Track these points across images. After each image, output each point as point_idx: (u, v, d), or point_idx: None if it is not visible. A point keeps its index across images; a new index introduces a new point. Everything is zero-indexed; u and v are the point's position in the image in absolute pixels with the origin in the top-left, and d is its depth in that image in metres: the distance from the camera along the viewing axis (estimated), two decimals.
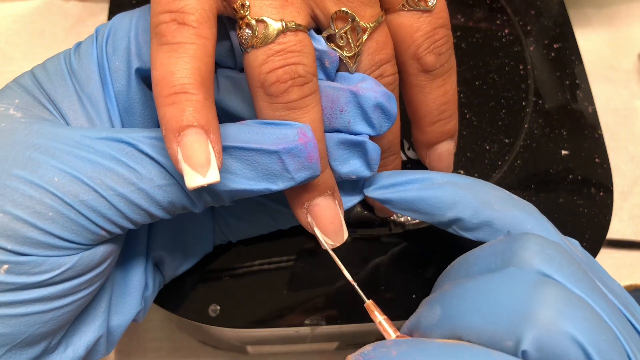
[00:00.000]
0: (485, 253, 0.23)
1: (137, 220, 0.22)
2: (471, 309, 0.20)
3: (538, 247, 0.21)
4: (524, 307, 0.19)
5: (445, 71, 0.27)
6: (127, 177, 0.21)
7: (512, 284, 0.20)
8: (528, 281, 0.20)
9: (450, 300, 0.21)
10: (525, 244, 0.22)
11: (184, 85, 0.20)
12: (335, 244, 0.25)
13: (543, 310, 0.19)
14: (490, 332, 0.19)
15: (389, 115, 0.24)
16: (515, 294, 0.19)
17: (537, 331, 0.18)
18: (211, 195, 0.23)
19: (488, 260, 0.22)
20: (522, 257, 0.21)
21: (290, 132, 0.22)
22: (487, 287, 0.20)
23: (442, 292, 0.22)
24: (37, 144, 0.21)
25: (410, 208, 0.26)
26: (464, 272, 0.23)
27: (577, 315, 0.19)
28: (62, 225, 0.20)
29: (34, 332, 0.21)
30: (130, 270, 0.27)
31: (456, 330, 0.20)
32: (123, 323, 0.26)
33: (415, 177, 0.26)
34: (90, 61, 0.24)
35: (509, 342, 0.19)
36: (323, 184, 0.24)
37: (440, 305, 0.21)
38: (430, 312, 0.21)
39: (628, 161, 0.48)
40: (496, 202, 0.25)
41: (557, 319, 0.18)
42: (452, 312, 0.21)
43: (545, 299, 0.19)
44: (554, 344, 0.18)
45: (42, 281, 0.21)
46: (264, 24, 0.22)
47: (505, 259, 0.21)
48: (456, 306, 0.20)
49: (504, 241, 0.23)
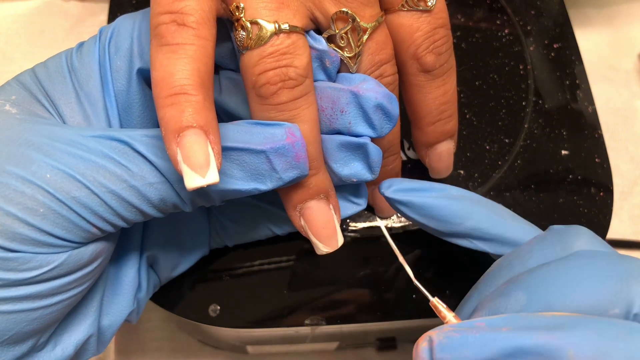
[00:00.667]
0: (538, 247, 0.23)
1: (128, 218, 0.22)
2: (563, 287, 0.20)
3: (591, 236, 0.23)
4: (626, 277, 0.19)
5: (444, 71, 0.27)
6: (118, 174, 0.21)
7: (600, 261, 0.20)
8: (614, 257, 0.21)
9: (534, 284, 0.21)
10: (579, 233, 0.23)
11: (184, 87, 0.20)
12: (329, 249, 0.25)
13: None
14: (592, 302, 0.19)
15: (390, 117, 0.24)
16: (609, 268, 0.20)
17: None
18: (201, 195, 0.23)
19: (545, 251, 0.23)
20: (583, 243, 0.22)
21: (278, 131, 0.22)
22: (572, 267, 0.20)
23: (515, 281, 0.21)
24: (31, 140, 0.21)
25: (429, 214, 0.26)
26: (520, 266, 0.23)
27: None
28: (53, 222, 0.20)
29: (21, 330, 0.21)
30: (123, 270, 0.27)
31: (550, 309, 0.20)
32: (114, 323, 0.26)
33: (433, 187, 0.26)
34: (92, 60, 0.24)
35: (616, 309, 0.19)
36: (316, 187, 0.24)
37: (522, 290, 0.21)
38: (510, 300, 0.21)
39: (628, 161, 0.48)
40: (507, 217, 0.26)
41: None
42: (541, 293, 0.20)
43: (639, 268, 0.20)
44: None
45: (30, 278, 0.21)
46: (257, 25, 0.22)
47: (565, 246, 0.22)
48: (544, 287, 0.20)
49: (554, 234, 0.23)
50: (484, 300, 0.22)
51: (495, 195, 0.34)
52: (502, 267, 0.24)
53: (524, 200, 0.34)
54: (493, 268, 0.25)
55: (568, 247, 0.22)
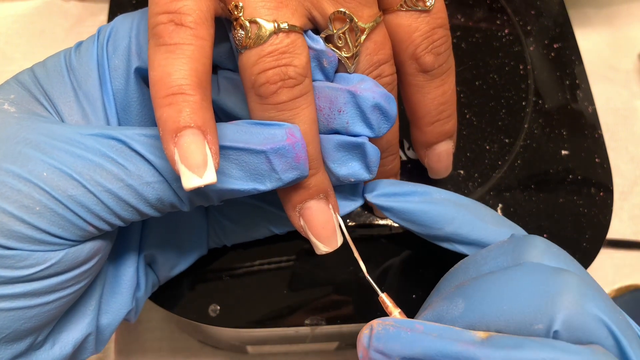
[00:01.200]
0: (494, 253, 0.24)
1: (125, 217, 0.22)
2: (497, 299, 0.21)
3: (544, 246, 0.23)
4: (551, 293, 0.20)
5: (443, 71, 0.27)
6: (115, 173, 0.21)
7: (534, 275, 0.21)
8: (548, 271, 0.21)
9: (473, 293, 0.22)
10: (533, 243, 0.23)
11: (181, 87, 0.20)
12: (328, 249, 0.25)
13: (569, 294, 0.20)
14: (519, 317, 0.20)
15: (388, 117, 0.24)
16: (540, 283, 0.21)
17: (566, 312, 0.20)
18: (200, 195, 0.23)
19: (499, 259, 0.23)
20: (532, 254, 0.23)
21: (278, 132, 0.22)
22: (510, 279, 0.21)
23: (461, 287, 0.22)
24: (28, 138, 0.21)
25: (410, 219, 0.26)
26: (474, 271, 0.24)
27: (597, 297, 0.20)
28: (49, 220, 0.20)
29: (19, 328, 0.21)
30: (122, 269, 0.27)
31: (483, 320, 0.21)
32: (113, 322, 0.26)
33: (416, 190, 0.27)
34: (90, 59, 0.24)
35: (540, 325, 0.20)
36: (315, 187, 0.24)
37: (462, 298, 0.22)
38: (452, 305, 0.22)
39: (628, 161, 0.48)
40: (490, 220, 0.27)
41: (582, 300, 0.20)
42: (477, 302, 0.21)
43: (568, 284, 0.20)
44: (582, 323, 0.20)
45: (27, 276, 0.21)
46: (256, 25, 0.22)
47: (515, 256, 0.23)
48: (481, 297, 0.21)
49: (511, 242, 0.24)
50: (434, 300, 0.24)
51: (495, 195, 0.34)
52: (460, 270, 0.25)
53: (524, 200, 0.34)
54: (454, 268, 0.25)
55: (518, 258, 0.23)
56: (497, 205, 0.34)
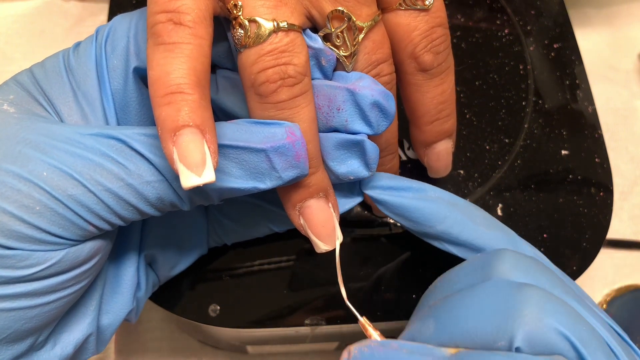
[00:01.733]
0: (465, 270, 0.24)
1: (125, 216, 0.22)
2: (462, 318, 0.21)
3: (513, 261, 0.23)
4: (511, 309, 0.20)
5: (442, 70, 0.27)
6: (115, 172, 0.21)
7: (496, 292, 0.22)
8: (510, 287, 0.21)
9: (442, 313, 0.22)
10: (501, 259, 0.23)
11: (180, 85, 0.20)
12: (329, 247, 0.25)
13: (528, 309, 0.20)
14: (483, 335, 0.20)
15: (387, 114, 0.24)
16: (501, 300, 0.21)
17: (526, 328, 0.20)
18: (200, 194, 0.23)
19: (469, 277, 0.24)
20: (500, 270, 0.23)
21: (278, 130, 0.22)
22: (474, 297, 0.22)
23: (433, 307, 0.23)
24: (28, 138, 0.21)
25: (402, 214, 0.26)
26: (448, 289, 0.24)
27: (559, 310, 0.21)
28: (50, 220, 0.20)
29: (19, 328, 0.21)
30: (122, 269, 0.27)
31: (451, 339, 0.21)
32: (114, 322, 0.26)
33: (411, 186, 0.27)
34: (89, 59, 0.24)
35: (502, 342, 0.20)
36: (315, 185, 0.24)
37: (433, 318, 0.22)
38: (424, 327, 0.22)
39: (628, 161, 0.48)
40: (481, 222, 0.27)
41: (542, 315, 0.20)
42: (445, 323, 0.22)
43: (528, 300, 0.21)
44: (542, 337, 0.20)
45: (28, 275, 0.21)
46: (256, 24, 0.22)
47: (485, 273, 0.23)
48: (448, 317, 0.22)
49: (482, 258, 0.24)
50: (412, 320, 0.24)
51: (495, 195, 0.34)
52: (436, 288, 0.25)
53: (524, 200, 0.34)
54: (431, 288, 0.26)
55: (486, 274, 0.23)
56: (497, 205, 0.34)
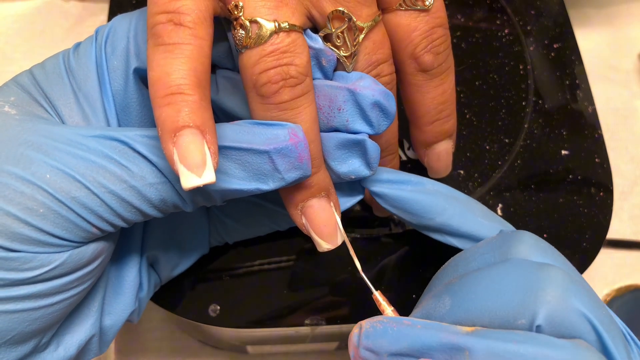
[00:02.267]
0: (483, 249, 0.24)
1: (128, 218, 0.22)
2: (482, 295, 0.21)
3: (532, 241, 0.23)
4: (534, 288, 0.20)
5: (443, 70, 0.27)
6: (119, 174, 0.21)
7: (518, 271, 0.21)
8: (532, 267, 0.21)
9: (459, 290, 0.22)
10: (521, 239, 0.23)
11: (180, 86, 0.20)
12: (330, 246, 0.25)
13: (552, 289, 0.20)
14: (503, 313, 0.20)
15: (388, 114, 0.24)
16: (523, 278, 0.21)
17: (549, 307, 0.20)
18: (202, 195, 0.23)
19: (487, 256, 0.23)
20: (519, 250, 0.23)
21: (281, 132, 0.22)
22: (494, 275, 0.21)
23: (449, 285, 0.23)
24: (30, 141, 0.21)
25: (402, 207, 0.26)
26: (463, 268, 0.24)
27: (581, 292, 0.20)
28: (53, 222, 0.20)
29: (23, 330, 0.21)
30: (125, 270, 0.27)
31: (468, 316, 0.21)
32: (116, 323, 0.26)
33: (410, 179, 0.27)
34: (89, 60, 0.24)
35: (523, 320, 0.20)
36: (317, 185, 0.24)
37: (448, 295, 0.22)
38: (439, 303, 0.22)
39: (628, 161, 0.48)
40: (480, 214, 0.27)
41: (565, 295, 0.20)
42: (463, 299, 0.21)
43: (552, 279, 0.20)
44: (564, 317, 0.20)
45: (31, 278, 0.21)
46: (257, 24, 0.22)
47: (503, 252, 0.23)
48: (465, 295, 0.21)
49: (499, 238, 0.24)
50: (424, 298, 0.24)
51: (495, 195, 0.34)
52: (449, 267, 0.25)
53: (524, 200, 0.34)
54: (445, 266, 0.25)
55: (505, 253, 0.23)
56: (497, 205, 0.34)
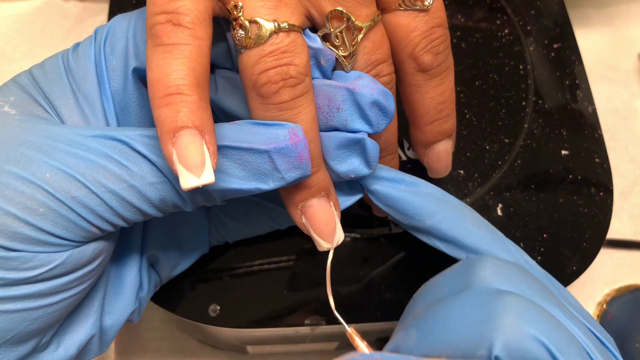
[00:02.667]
0: (449, 278, 0.24)
1: (128, 218, 0.22)
2: (443, 328, 0.21)
3: (495, 268, 0.23)
4: (490, 317, 0.20)
5: (442, 70, 0.27)
6: (118, 174, 0.21)
7: (476, 300, 0.21)
8: (489, 295, 0.21)
9: (424, 323, 0.22)
10: (482, 266, 0.23)
11: (179, 87, 0.20)
12: (330, 246, 0.25)
13: (506, 317, 0.20)
14: (464, 345, 0.20)
15: (387, 113, 0.24)
16: (480, 308, 0.21)
17: (504, 336, 0.20)
18: (202, 194, 0.23)
19: (452, 284, 0.24)
20: (481, 277, 0.23)
21: (281, 132, 0.22)
22: (454, 306, 0.22)
23: (416, 317, 0.23)
24: (30, 141, 0.21)
25: (392, 205, 0.26)
26: (432, 297, 0.24)
27: (537, 318, 0.20)
28: (53, 221, 0.20)
29: (23, 330, 0.21)
30: (125, 270, 0.27)
31: (434, 349, 0.21)
32: (117, 323, 0.26)
33: (404, 179, 0.27)
34: (88, 60, 0.24)
35: (482, 351, 0.20)
36: (317, 185, 0.24)
37: (415, 329, 0.22)
38: (407, 337, 0.22)
39: (628, 161, 0.48)
40: (470, 221, 0.27)
41: (520, 323, 0.20)
42: (427, 333, 0.22)
43: (506, 307, 0.20)
44: (521, 346, 0.20)
45: (31, 277, 0.21)
46: (256, 24, 0.22)
47: (467, 280, 0.23)
48: (430, 327, 0.22)
49: (464, 265, 0.24)
50: (398, 328, 0.24)
51: (495, 195, 0.34)
52: (420, 296, 0.25)
53: (524, 200, 0.34)
54: (416, 295, 0.26)
55: (468, 281, 0.23)
56: (497, 205, 0.34)
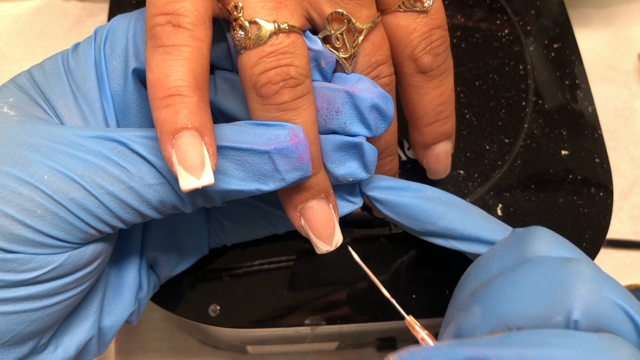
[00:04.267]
0: (500, 252, 0.24)
1: (127, 219, 0.22)
2: (512, 299, 0.21)
3: (549, 236, 0.23)
4: (565, 284, 0.20)
5: (442, 72, 0.27)
6: (117, 175, 0.21)
7: (544, 268, 0.21)
8: (557, 263, 0.21)
9: (488, 297, 0.22)
10: (536, 235, 0.23)
11: (179, 88, 0.20)
12: (329, 248, 0.25)
13: (584, 283, 0.20)
14: (537, 313, 0.20)
15: (386, 117, 0.24)
16: (551, 276, 0.21)
17: (583, 301, 0.20)
18: (202, 196, 0.23)
19: (504, 258, 0.24)
20: (538, 247, 0.23)
21: (281, 132, 0.22)
22: (521, 277, 0.21)
23: (476, 294, 0.23)
24: (29, 142, 0.21)
25: (404, 213, 0.27)
26: (484, 275, 0.24)
27: (612, 283, 0.21)
28: (51, 223, 0.20)
29: (22, 331, 0.21)
30: (124, 271, 0.27)
31: (502, 322, 0.21)
32: (115, 324, 0.26)
33: (410, 186, 0.27)
34: (88, 61, 0.24)
35: (558, 317, 0.20)
36: (316, 187, 0.24)
37: (478, 304, 0.22)
38: (470, 315, 0.22)
39: (628, 161, 0.48)
40: (480, 218, 0.27)
41: (598, 288, 0.20)
42: (494, 306, 0.21)
43: (580, 273, 0.21)
44: (600, 310, 0.20)
45: (30, 279, 0.21)
46: (256, 25, 0.22)
47: (521, 252, 0.23)
48: (495, 301, 0.21)
49: (514, 238, 0.24)
50: (454, 312, 0.24)
51: (495, 195, 0.34)
52: (471, 276, 0.25)
53: (524, 200, 0.34)
54: (464, 276, 0.25)
55: (524, 253, 0.23)
56: (497, 205, 0.34)
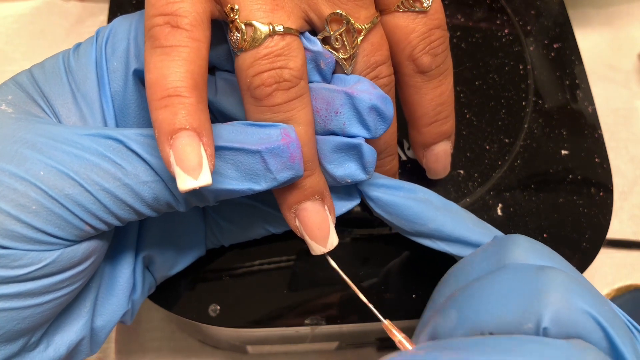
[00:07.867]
0: (479, 258, 0.24)
1: (121, 216, 0.22)
2: (486, 305, 0.21)
3: (527, 244, 0.24)
4: (537, 291, 0.21)
5: (441, 72, 0.27)
6: (112, 172, 0.21)
7: (518, 275, 0.22)
8: (532, 270, 0.22)
9: (464, 302, 0.22)
10: (516, 242, 0.24)
11: (177, 89, 0.20)
12: (324, 250, 0.25)
13: (554, 290, 0.20)
14: (509, 319, 0.20)
15: (385, 118, 0.24)
16: (524, 282, 0.21)
17: (553, 308, 0.20)
18: (195, 194, 0.23)
19: (484, 263, 0.24)
20: (516, 255, 0.23)
21: (273, 132, 0.22)
22: (495, 283, 0.22)
23: (453, 298, 0.23)
24: (25, 138, 0.21)
25: (394, 212, 0.27)
26: (463, 279, 0.24)
27: (583, 291, 0.21)
28: (46, 219, 0.20)
29: (12, 328, 0.21)
30: (118, 271, 0.27)
31: (477, 327, 0.21)
32: (108, 324, 0.26)
33: (402, 186, 0.27)
34: (88, 61, 0.24)
35: (529, 324, 0.20)
36: (311, 188, 0.24)
37: (454, 309, 0.22)
38: (446, 319, 0.22)
39: (628, 161, 0.48)
40: (470, 222, 0.27)
41: (568, 296, 0.20)
42: (468, 311, 0.21)
43: (553, 281, 0.21)
44: (570, 318, 0.20)
45: (22, 275, 0.21)
46: (252, 27, 0.22)
47: (499, 258, 0.23)
48: (471, 306, 0.22)
49: (494, 244, 0.24)
50: (431, 315, 0.24)
51: (495, 195, 0.34)
52: (449, 279, 0.25)
53: (524, 200, 0.34)
54: (444, 279, 0.26)
55: (502, 259, 0.23)
56: (497, 205, 0.34)
